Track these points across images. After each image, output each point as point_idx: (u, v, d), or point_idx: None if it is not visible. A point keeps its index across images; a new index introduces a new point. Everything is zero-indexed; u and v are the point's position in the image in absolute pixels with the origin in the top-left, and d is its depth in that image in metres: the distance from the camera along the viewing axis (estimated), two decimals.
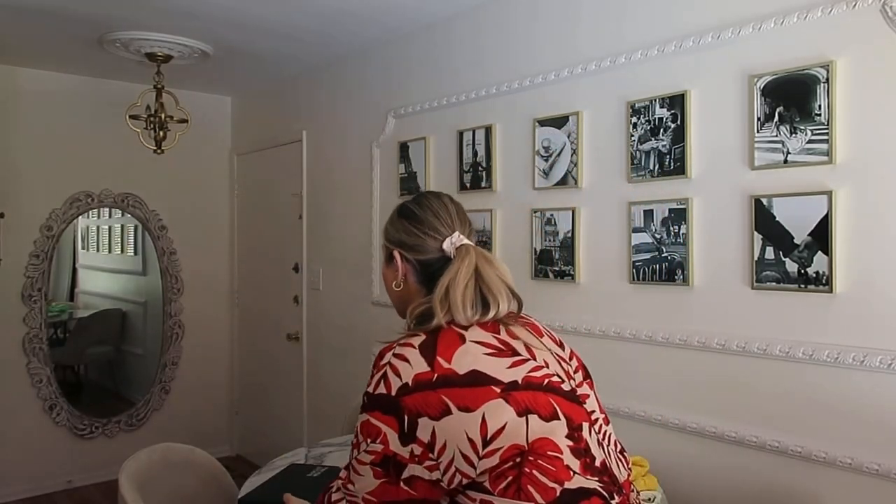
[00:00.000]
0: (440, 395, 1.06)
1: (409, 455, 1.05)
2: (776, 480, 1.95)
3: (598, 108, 2.42)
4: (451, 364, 1.09)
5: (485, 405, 1.06)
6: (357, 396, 3.42)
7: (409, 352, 1.11)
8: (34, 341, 3.99)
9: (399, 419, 1.06)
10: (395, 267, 1.30)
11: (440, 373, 1.08)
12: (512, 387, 1.09)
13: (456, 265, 1.21)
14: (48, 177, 4.02)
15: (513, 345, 1.16)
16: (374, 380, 1.12)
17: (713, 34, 2.07)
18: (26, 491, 3.97)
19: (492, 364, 1.11)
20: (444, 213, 1.29)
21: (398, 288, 1.31)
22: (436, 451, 1.05)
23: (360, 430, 1.11)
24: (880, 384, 1.75)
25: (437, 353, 1.10)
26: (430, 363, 1.09)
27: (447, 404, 1.05)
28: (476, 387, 1.07)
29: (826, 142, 1.82)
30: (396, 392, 1.07)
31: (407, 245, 1.28)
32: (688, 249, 2.14)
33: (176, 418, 4.50)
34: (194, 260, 4.60)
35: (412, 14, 3.02)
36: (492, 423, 1.05)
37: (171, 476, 2.10)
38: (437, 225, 1.28)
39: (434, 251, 1.27)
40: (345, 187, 3.71)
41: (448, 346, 1.12)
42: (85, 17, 3.04)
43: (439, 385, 1.07)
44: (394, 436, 1.06)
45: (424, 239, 1.27)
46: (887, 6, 1.72)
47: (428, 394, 1.06)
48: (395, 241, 1.30)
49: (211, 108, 4.62)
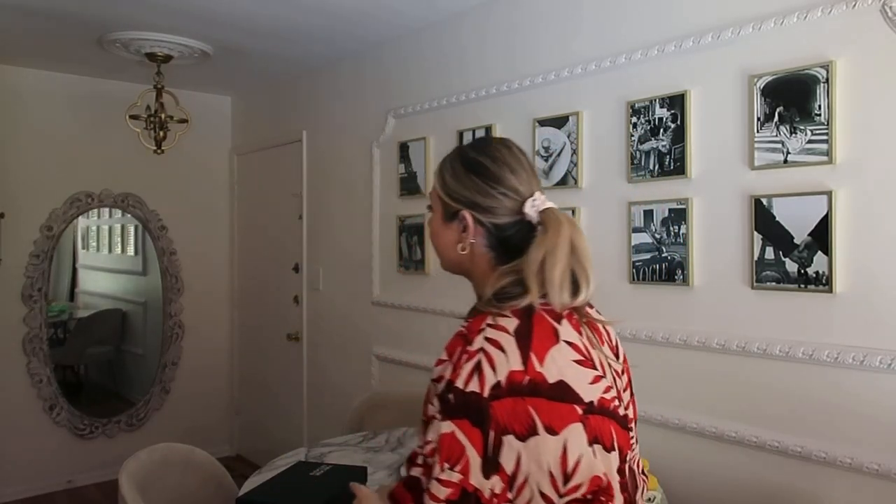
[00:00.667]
0: (527, 406, 0.89)
1: (489, 494, 0.88)
2: (776, 480, 1.95)
3: (598, 108, 2.42)
4: (543, 367, 0.92)
5: (567, 429, 0.91)
6: (356, 396, 3.39)
7: (504, 338, 0.93)
8: (34, 341, 3.99)
9: (485, 435, 0.88)
10: (460, 228, 1.09)
11: (532, 376, 0.90)
12: (590, 409, 0.94)
13: (552, 236, 1.00)
14: (48, 177, 4.02)
15: (592, 355, 1.00)
16: (465, 370, 0.91)
17: (713, 34, 2.07)
18: (26, 491, 3.97)
19: (578, 376, 0.95)
20: (519, 167, 1.09)
21: (463, 251, 1.10)
22: (515, 488, 0.88)
23: (441, 443, 0.90)
24: (880, 384, 1.75)
25: (532, 348, 0.92)
26: (524, 359, 0.91)
27: (534, 420, 0.89)
28: (562, 402, 0.91)
29: (826, 142, 1.82)
30: (489, 392, 0.89)
31: (480, 207, 1.07)
32: (688, 249, 2.14)
33: (176, 418, 4.50)
34: (194, 260, 4.60)
35: (412, 14, 3.02)
36: (572, 454, 0.90)
37: (171, 476, 2.10)
38: (516, 184, 1.07)
39: (511, 213, 1.07)
40: (345, 187, 3.71)
41: (542, 342, 0.94)
42: (85, 17, 3.04)
43: (528, 391, 0.90)
44: (476, 462, 0.88)
45: (501, 200, 1.07)
46: (887, 6, 1.72)
47: (517, 401, 0.89)
48: (465, 201, 1.08)
49: (211, 108, 4.61)
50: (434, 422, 0.92)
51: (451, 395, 0.91)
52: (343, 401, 3.53)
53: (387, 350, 3.40)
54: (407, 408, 2.80)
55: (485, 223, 1.08)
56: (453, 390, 0.91)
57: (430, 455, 0.90)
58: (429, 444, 0.92)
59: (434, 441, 0.91)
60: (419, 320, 3.19)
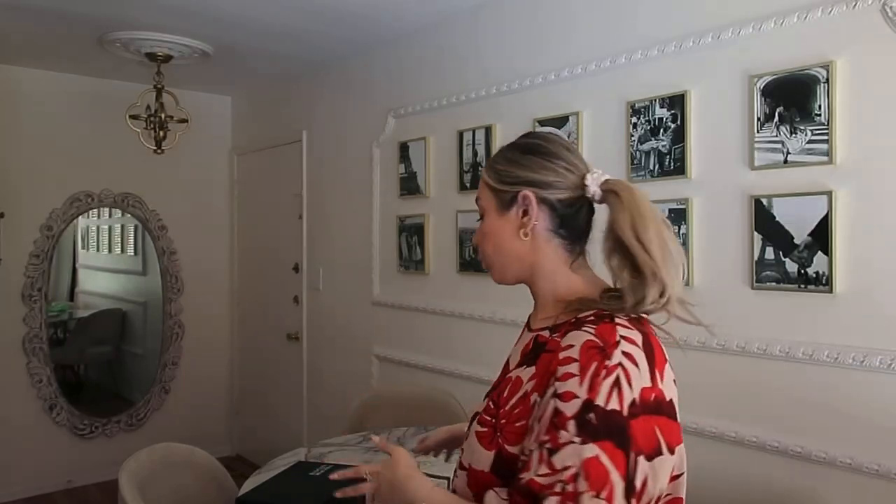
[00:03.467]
0: (653, 425, 0.85)
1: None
2: (776, 480, 1.95)
3: (598, 108, 2.42)
4: (663, 384, 0.88)
5: (679, 447, 0.88)
6: (356, 396, 3.39)
7: (636, 353, 0.87)
8: (34, 341, 3.99)
9: (627, 458, 0.82)
10: (520, 213, 1.01)
11: (656, 394, 0.86)
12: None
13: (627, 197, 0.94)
14: (48, 177, 4.02)
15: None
16: (605, 387, 0.84)
17: (713, 34, 2.07)
18: (26, 491, 3.97)
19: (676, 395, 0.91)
20: (574, 149, 1.05)
21: (526, 237, 1.01)
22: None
23: (585, 470, 0.82)
24: (880, 384, 1.75)
25: (656, 363, 0.88)
26: (651, 375, 0.87)
27: (659, 440, 0.85)
28: (675, 421, 0.88)
29: (826, 142, 1.82)
30: (628, 411, 0.83)
31: (542, 182, 1.00)
32: (688, 249, 2.14)
33: (176, 418, 4.50)
34: (194, 260, 4.60)
35: (412, 14, 3.02)
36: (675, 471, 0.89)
37: (171, 476, 2.10)
38: (573, 158, 1.02)
39: (573, 189, 1.00)
40: (345, 187, 3.71)
41: (660, 359, 0.90)
42: (85, 17, 3.04)
43: (653, 409, 0.85)
44: (620, 487, 0.82)
45: (562, 173, 1.00)
46: (887, 6, 1.72)
47: (648, 420, 0.84)
48: (525, 180, 1.01)
49: (211, 108, 4.61)
50: (571, 446, 0.84)
51: (591, 414, 0.84)
52: (343, 401, 3.53)
53: (387, 350, 3.40)
54: (407, 408, 2.80)
55: (548, 199, 1.00)
56: (594, 409, 0.84)
57: (571, 481, 0.83)
58: (567, 469, 0.83)
59: (576, 467, 0.83)
60: (419, 320, 3.19)
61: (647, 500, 0.85)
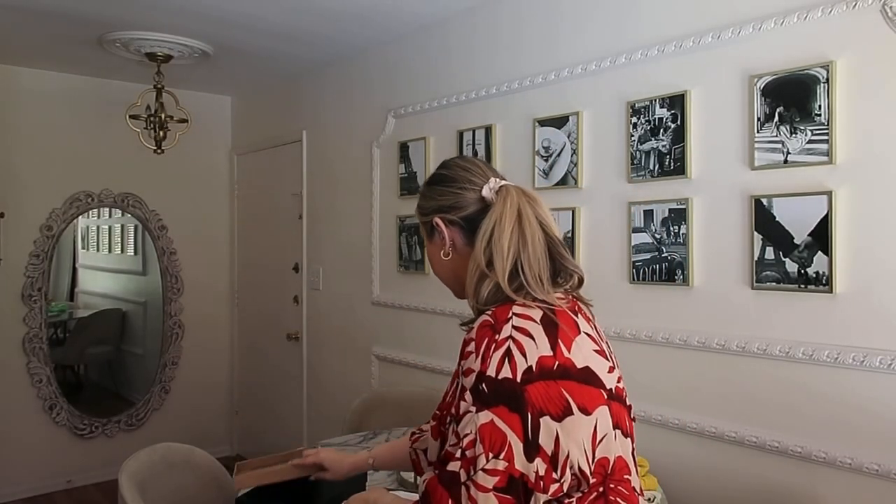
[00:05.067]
0: (560, 388, 0.93)
1: (534, 477, 0.90)
2: (776, 480, 1.95)
3: (598, 108, 2.42)
4: (570, 353, 0.96)
5: (597, 410, 0.95)
6: (356, 396, 3.40)
7: (531, 326, 0.96)
8: (34, 341, 3.99)
9: (523, 419, 0.91)
10: (440, 237, 1.16)
11: (561, 361, 0.94)
12: (610, 395, 0.98)
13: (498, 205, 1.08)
14: (48, 177, 4.02)
15: (603, 346, 1.05)
16: (495, 359, 0.93)
17: (713, 34, 2.07)
18: (26, 491, 3.97)
19: (599, 364, 0.99)
20: (472, 166, 1.17)
21: (447, 257, 1.15)
22: (559, 468, 0.91)
23: (480, 435, 0.91)
24: (880, 384, 1.75)
25: (559, 336, 0.96)
26: (552, 346, 0.95)
27: (568, 401, 0.92)
28: (590, 386, 0.96)
29: (826, 142, 1.82)
30: (522, 377, 0.92)
31: (445, 206, 1.15)
32: (688, 249, 2.14)
33: (176, 418, 4.50)
34: (194, 260, 4.60)
35: (413, 14, 3.02)
36: (600, 434, 0.95)
37: (171, 476, 2.10)
38: (470, 176, 1.15)
39: (476, 203, 1.13)
40: (345, 187, 3.71)
41: (567, 332, 0.98)
42: (85, 17, 3.04)
43: (559, 375, 0.93)
44: (518, 446, 0.90)
45: (461, 194, 1.14)
46: (887, 6, 1.72)
47: (550, 384, 0.92)
48: (432, 209, 1.17)
49: (211, 108, 4.61)
50: (468, 415, 0.93)
51: (483, 384, 0.93)
52: (343, 401, 3.53)
53: (387, 350, 3.40)
54: (407, 408, 2.80)
55: (454, 220, 1.14)
56: (485, 380, 0.93)
57: (469, 447, 0.92)
58: (466, 436, 0.93)
59: (473, 433, 0.92)
60: (419, 320, 3.19)
61: (564, 458, 0.91)
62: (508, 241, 1.03)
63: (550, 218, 1.11)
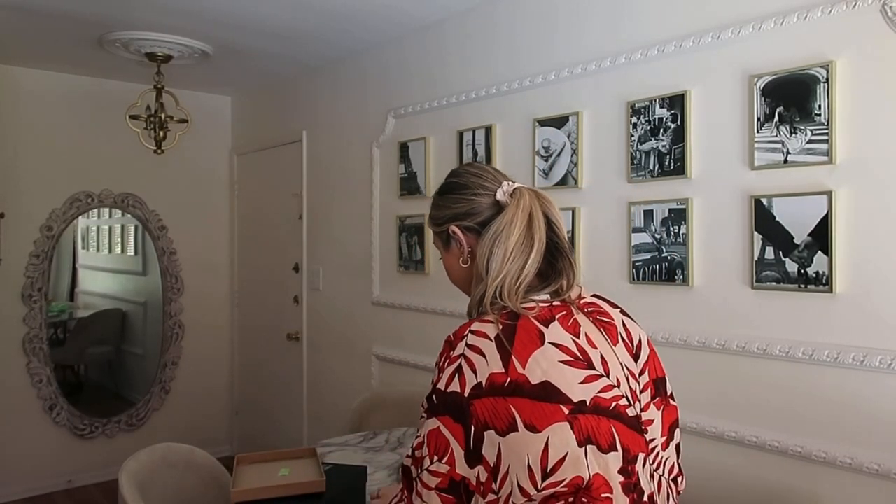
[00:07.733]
0: (509, 405, 0.95)
1: (475, 481, 0.95)
2: (776, 480, 1.95)
3: (598, 108, 2.42)
4: (525, 369, 0.97)
5: (550, 427, 0.95)
6: (356, 396, 3.40)
7: (484, 344, 1.00)
8: (34, 341, 3.99)
9: (466, 430, 0.96)
10: (457, 245, 1.17)
11: (513, 378, 0.96)
12: (579, 409, 0.97)
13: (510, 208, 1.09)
14: (48, 177, 4.02)
15: (590, 355, 1.03)
16: (447, 374, 1.00)
17: (713, 34, 2.07)
18: (26, 491, 3.97)
19: (565, 376, 0.98)
20: (483, 172, 1.18)
21: (465, 265, 1.16)
22: (499, 479, 0.95)
23: (427, 439, 0.99)
24: (880, 384, 1.75)
25: (513, 353, 0.98)
26: (504, 363, 0.97)
27: (514, 418, 0.95)
28: (545, 402, 0.96)
29: (826, 142, 1.82)
30: (469, 392, 0.96)
31: (460, 214, 1.16)
32: (688, 249, 2.14)
33: (176, 418, 4.51)
34: (194, 260, 4.60)
35: (413, 14, 3.02)
36: (553, 451, 0.94)
37: (171, 476, 2.10)
38: (482, 182, 1.16)
39: (491, 208, 1.14)
40: (345, 187, 3.71)
41: (525, 346, 0.99)
42: (85, 17, 3.04)
43: (509, 392, 0.96)
44: (460, 453, 0.96)
45: (475, 200, 1.15)
46: (887, 6, 1.72)
47: (498, 401, 0.95)
48: (447, 218, 1.18)
49: (211, 108, 4.62)
50: (422, 419, 1.02)
51: (434, 395, 1.01)
52: (343, 401, 3.53)
53: (387, 350, 3.40)
54: (407, 408, 2.80)
55: (471, 226, 1.15)
56: (436, 392, 1.01)
57: (419, 448, 1.00)
58: (417, 438, 1.01)
59: (422, 436, 1.00)
60: (419, 320, 3.20)
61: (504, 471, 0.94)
62: (514, 244, 1.06)
63: (562, 220, 1.14)
